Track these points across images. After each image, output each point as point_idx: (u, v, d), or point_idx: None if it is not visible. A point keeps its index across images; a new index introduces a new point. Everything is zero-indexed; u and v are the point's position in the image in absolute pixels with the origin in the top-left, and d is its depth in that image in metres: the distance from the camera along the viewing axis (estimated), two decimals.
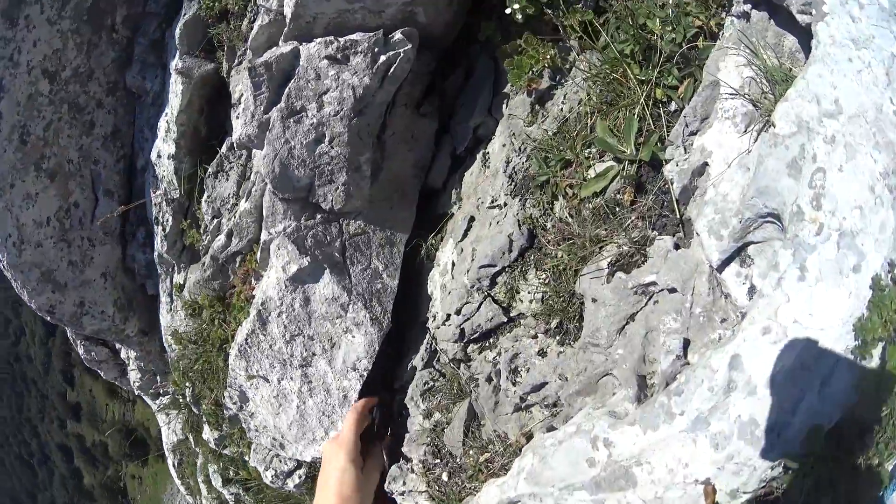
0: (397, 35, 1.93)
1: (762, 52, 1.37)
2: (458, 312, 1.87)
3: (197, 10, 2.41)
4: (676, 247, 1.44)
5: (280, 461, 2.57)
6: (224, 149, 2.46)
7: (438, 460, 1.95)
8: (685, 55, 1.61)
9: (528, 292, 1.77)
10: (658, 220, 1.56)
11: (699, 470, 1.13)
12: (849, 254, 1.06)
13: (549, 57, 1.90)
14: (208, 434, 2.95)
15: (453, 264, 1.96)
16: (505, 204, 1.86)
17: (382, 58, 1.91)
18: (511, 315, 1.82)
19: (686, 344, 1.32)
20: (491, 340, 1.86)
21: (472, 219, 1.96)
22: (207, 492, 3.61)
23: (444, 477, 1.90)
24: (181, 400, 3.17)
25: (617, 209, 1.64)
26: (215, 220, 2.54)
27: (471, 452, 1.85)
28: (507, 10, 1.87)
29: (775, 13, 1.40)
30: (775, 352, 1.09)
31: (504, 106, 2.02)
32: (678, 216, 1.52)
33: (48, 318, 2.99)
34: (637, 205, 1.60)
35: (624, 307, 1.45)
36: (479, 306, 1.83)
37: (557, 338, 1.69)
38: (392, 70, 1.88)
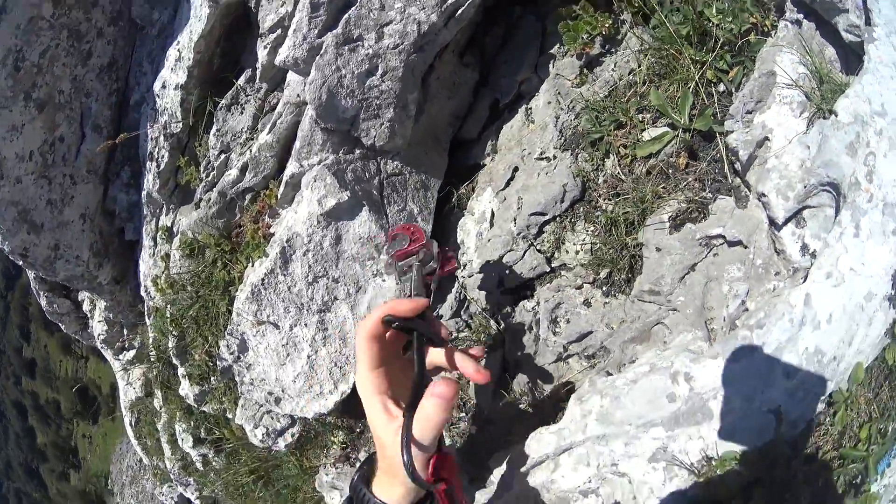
0: None
1: (813, 56, 1.77)
2: (499, 260, 1.99)
3: None
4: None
5: (272, 418, 2.63)
6: (242, 81, 2.50)
7: (464, 413, 2.06)
8: (739, 45, 1.81)
9: (574, 243, 1.92)
10: (712, 184, 1.74)
11: (773, 398, 1.30)
12: (890, 220, 1.48)
13: (606, 26, 2.08)
14: (187, 389, 2.95)
15: (493, 213, 2.09)
16: (554, 157, 2.02)
17: None
18: (552, 266, 1.96)
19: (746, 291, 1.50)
20: (529, 291, 1.99)
21: (515, 168, 2.09)
22: (171, 452, 3.58)
23: (473, 431, 2.02)
24: (153, 354, 3.15)
25: (670, 171, 1.80)
26: (223, 156, 2.57)
27: (501, 404, 1.97)
28: None
29: (820, 26, 1.81)
30: (837, 293, 1.46)
31: (550, 66, 2.22)
32: (731, 182, 1.70)
33: (20, 262, 2.93)
34: (691, 168, 1.77)
35: (688, 257, 1.64)
36: (524, 254, 1.97)
37: (604, 289, 1.84)
38: (459, 12, 2.00)
